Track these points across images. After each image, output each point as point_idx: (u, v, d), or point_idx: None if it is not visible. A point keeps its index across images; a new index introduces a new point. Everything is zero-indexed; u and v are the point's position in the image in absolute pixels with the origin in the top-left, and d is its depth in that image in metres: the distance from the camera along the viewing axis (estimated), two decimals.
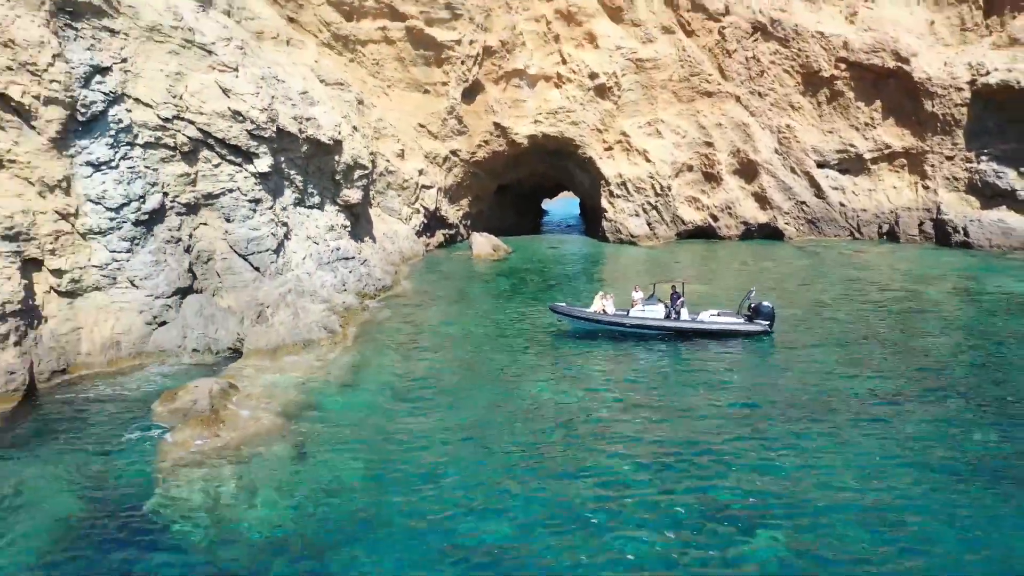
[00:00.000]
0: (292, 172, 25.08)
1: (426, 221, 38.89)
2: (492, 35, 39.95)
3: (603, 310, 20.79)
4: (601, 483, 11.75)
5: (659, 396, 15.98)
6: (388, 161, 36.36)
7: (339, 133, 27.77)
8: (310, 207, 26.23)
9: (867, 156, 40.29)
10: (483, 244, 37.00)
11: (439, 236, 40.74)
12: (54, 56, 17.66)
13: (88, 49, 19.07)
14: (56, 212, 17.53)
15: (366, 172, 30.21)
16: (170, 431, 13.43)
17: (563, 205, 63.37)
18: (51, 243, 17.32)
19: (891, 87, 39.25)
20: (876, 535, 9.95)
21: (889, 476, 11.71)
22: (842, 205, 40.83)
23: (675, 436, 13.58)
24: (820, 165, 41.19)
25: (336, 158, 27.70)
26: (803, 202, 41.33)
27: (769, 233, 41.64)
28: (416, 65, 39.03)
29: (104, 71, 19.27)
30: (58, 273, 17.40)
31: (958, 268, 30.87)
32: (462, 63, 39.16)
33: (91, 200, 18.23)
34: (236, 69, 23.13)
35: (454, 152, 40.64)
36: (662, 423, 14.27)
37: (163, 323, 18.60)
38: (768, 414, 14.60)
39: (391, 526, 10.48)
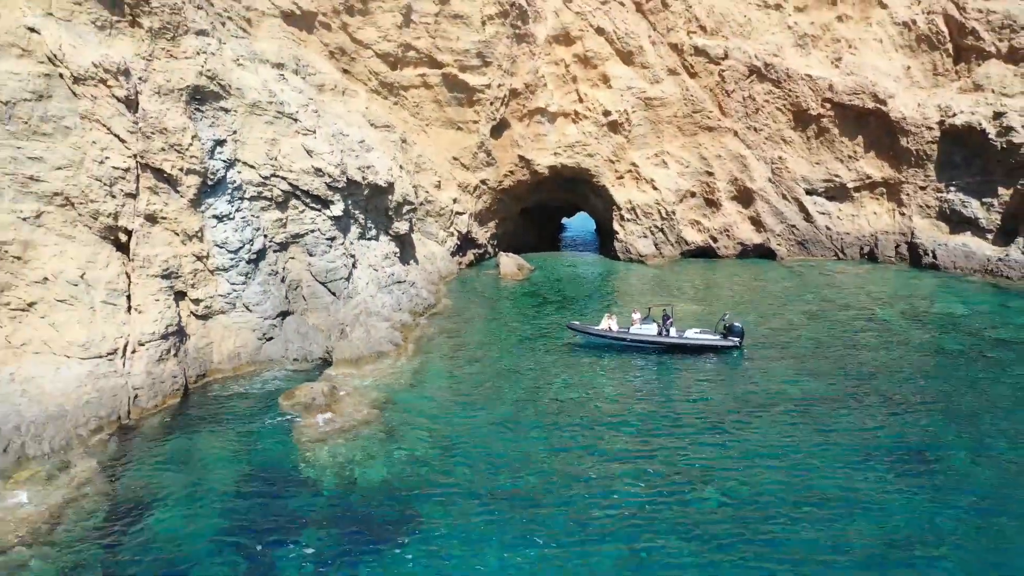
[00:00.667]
0: (356, 211, 30.73)
1: (459, 243, 44.46)
2: (517, 79, 45.40)
3: (609, 328, 26.20)
4: (601, 453, 17.21)
5: (648, 394, 21.42)
6: (427, 192, 41.95)
7: (391, 176, 33.39)
8: (369, 239, 31.87)
9: (850, 185, 45.25)
10: (509, 264, 42.49)
11: (470, 255, 46.26)
12: (192, 137, 23.42)
13: (211, 126, 24.84)
14: (194, 255, 23.28)
15: (412, 207, 35.86)
16: (299, 417, 19.05)
17: (580, 221, 68.60)
18: (191, 279, 23.07)
19: (871, 124, 44.17)
20: (789, 487, 15.34)
21: (803, 451, 17.06)
22: (828, 228, 45.82)
23: (657, 423, 19.01)
24: (808, 192, 46.18)
25: (390, 197, 33.31)
26: (793, 225, 46.36)
27: (763, 253, 46.66)
28: (451, 106, 44.56)
29: (222, 143, 25.02)
30: (196, 301, 23.14)
31: (918, 289, 35.87)
32: (491, 104, 44.65)
33: (217, 245, 23.95)
34: (314, 132, 28.83)
35: (483, 181, 46.16)
36: (649, 414, 19.69)
37: (270, 338, 24.28)
38: (725, 407, 20.00)
39: (453, 480, 16.01)
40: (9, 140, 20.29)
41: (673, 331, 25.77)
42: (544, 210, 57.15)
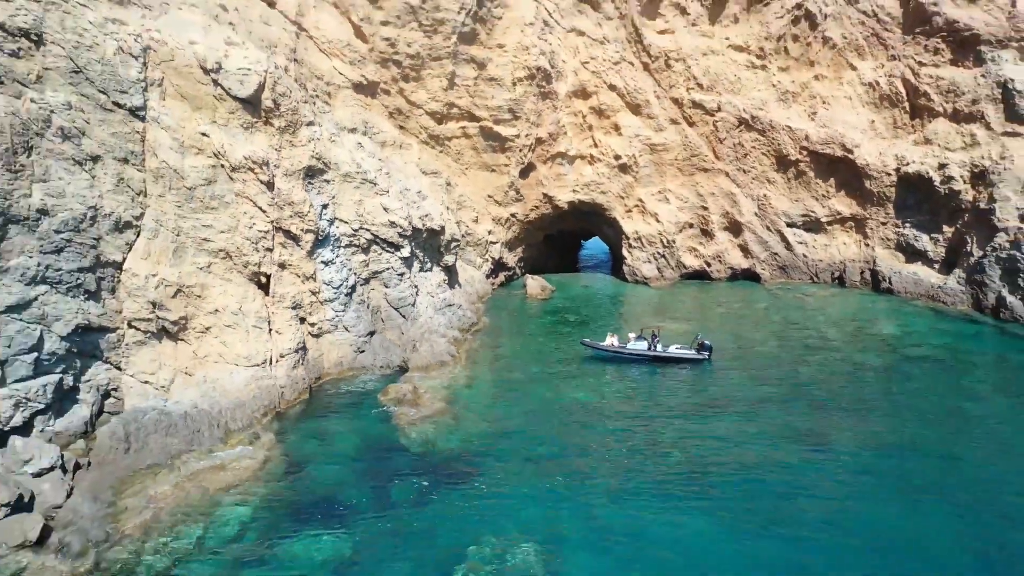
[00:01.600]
0: (417, 250, 39.61)
1: (492, 267, 53.22)
2: (542, 128, 54.04)
3: (612, 343, 34.80)
4: (603, 431, 25.88)
5: (638, 392, 30.07)
6: (467, 225, 50.73)
7: (443, 220, 42.20)
8: (426, 271, 40.73)
9: (823, 219, 53.41)
10: (534, 286, 51.18)
11: (501, 276, 54.98)
12: (309, 206, 32.40)
13: (318, 194, 33.82)
14: (310, 291, 32.26)
15: (457, 242, 44.69)
16: (395, 408, 27.91)
17: (597, 242, 76.89)
18: (309, 308, 32.04)
19: (841, 169, 52.27)
20: (727, 453, 23.91)
21: (742, 433, 25.61)
22: (805, 256, 53.98)
23: (642, 412, 27.65)
24: (789, 225, 54.36)
25: (441, 237, 42.12)
26: (776, 253, 54.58)
27: (750, 276, 54.89)
28: (486, 152, 53.26)
29: (326, 206, 33.99)
30: (312, 324, 32.10)
31: (868, 313, 44.05)
32: (520, 150, 53.33)
33: (324, 283, 32.90)
34: (387, 191, 37.73)
35: (513, 215, 54.87)
36: (638, 406, 28.33)
37: (362, 351, 33.18)
38: (692, 402, 28.59)
39: (499, 448, 24.72)
40: (191, 214, 29.37)
41: (659, 347, 34.32)
42: (564, 236, 65.67)
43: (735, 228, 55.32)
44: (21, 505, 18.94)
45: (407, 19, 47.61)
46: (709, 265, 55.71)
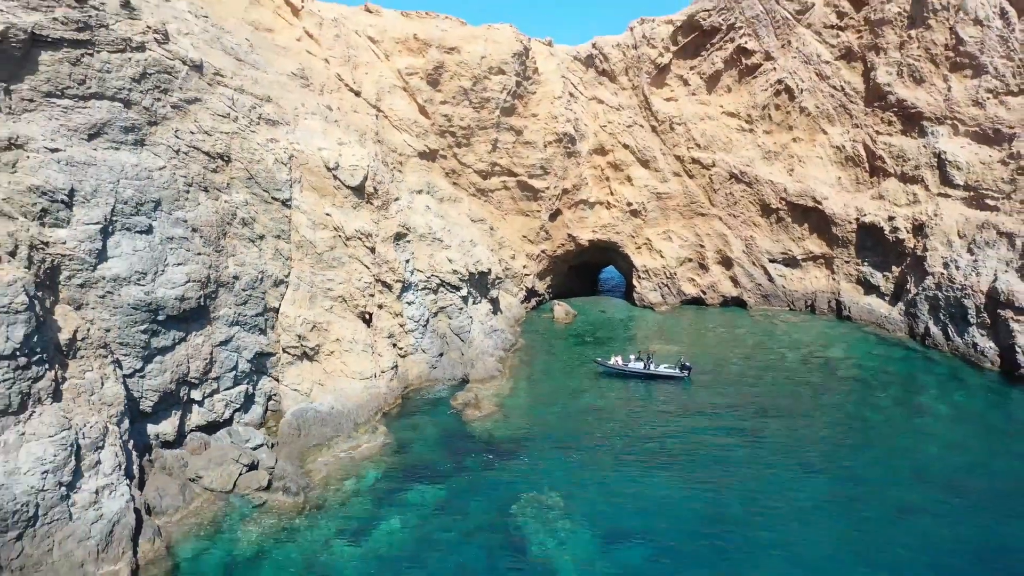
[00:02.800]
0: (471, 288, 52.00)
1: (526, 294, 65.50)
2: (567, 181, 66.20)
3: (616, 362, 46.90)
4: (610, 426, 38.13)
5: (634, 400, 42.21)
6: (506, 262, 63.05)
7: (490, 264, 54.53)
8: (477, 304, 53.12)
9: (799, 257, 64.90)
10: (559, 311, 63.38)
11: (533, 302, 67.26)
12: (398, 262, 45.00)
13: (402, 252, 46.40)
14: (399, 324, 44.86)
15: (500, 279, 57.05)
16: (463, 410, 40.37)
17: (612, 270, 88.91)
18: (399, 337, 44.62)
19: (813, 216, 63.71)
20: (691, 442, 36.08)
21: (704, 429, 37.71)
22: (783, 287, 65.50)
23: (637, 414, 39.82)
24: (771, 261, 65.91)
25: (488, 276, 54.47)
26: (760, 284, 66.15)
27: (738, 303, 66.50)
28: (522, 201, 65.52)
29: (408, 261, 46.57)
30: (400, 348, 44.67)
31: (825, 338, 55.52)
32: (549, 199, 65.52)
33: (408, 318, 45.45)
34: (450, 246, 50.20)
35: (543, 251, 67.11)
36: (634, 409, 40.51)
37: (435, 368, 45.67)
38: (672, 407, 40.67)
39: (539, 437, 37.06)
40: (320, 272, 42.03)
41: (652, 366, 46.36)
42: (586, 266, 77.69)
43: (726, 263, 66.99)
44: (252, 466, 31.63)
45: (461, 99, 60.11)
46: (704, 293, 67.48)
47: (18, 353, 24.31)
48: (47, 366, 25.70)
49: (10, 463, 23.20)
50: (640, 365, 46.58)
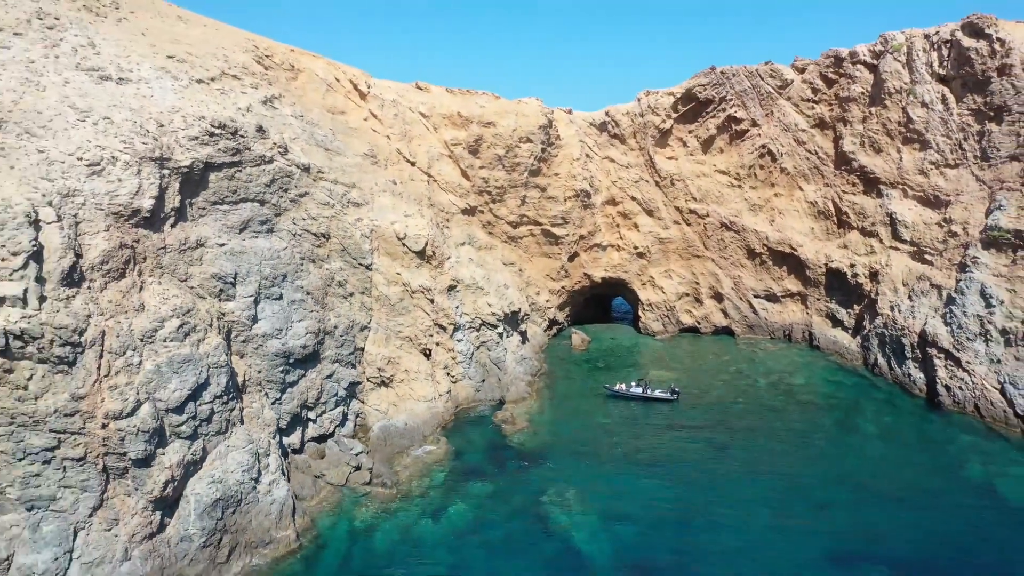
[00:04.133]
0: (505, 325, 64.87)
1: (548, 323, 78.27)
2: (584, 228, 78.85)
3: (620, 388, 59.58)
4: (619, 437, 50.89)
5: (634, 418, 54.94)
6: (532, 298, 75.82)
7: (520, 303, 67.34)
8: (509, 337, 65.94)
9: (779, 294, 77.09)
10: (576, 339, 76.08)
11: (554, 329, 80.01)
12: (451, 309, 57.94)
13: (452, 299, 59.34)
14: (451, 358, 57.79)
15: (528, 314, 69.86)
16: (503, 424, 53.28)
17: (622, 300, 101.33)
18: (451, 367, 57.56)
19: (790, 260, 75.87)
20: (672, 447, 48.80)
21: (686, 441, 50.38)
22: (766, 319, 77.71)
23: (637, 428, 52.56)
24: (755, 296, 78.14)
25: (519, 315, 67.31)
26: (746, 316, 78.40)
27: (728, 331, 78.78)
28: (545, 245, 78.24)
29: (457, 307, 59.50)
30: (452, 376, 57.61)
31: (794, 365, 67.70)
32: (568, 244, 78.19)
33: (458, 352, 58.40)
34: (489, 292, 63.12)
35: (563, 287, 79.81)
36: (632, 426, 53.25)
37: (479, 391, 58.55)
38: (663, 423, 53.35)
39: (562, 446, 49.89)
40: (393, 318, 55.12)
41: (648, 391, 58.95)
42: (599, 296, 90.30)
43: (718, 297, 79.31)
44: (357, 467, 44.71)
45: (496, 164, 73.03)
46: (699, 323, 79.89)
47: (223, 394, 37.56)
48: (236, 400, 38.96)
49: (224, 466, 36.43)
50: (639, 390, 59.19)
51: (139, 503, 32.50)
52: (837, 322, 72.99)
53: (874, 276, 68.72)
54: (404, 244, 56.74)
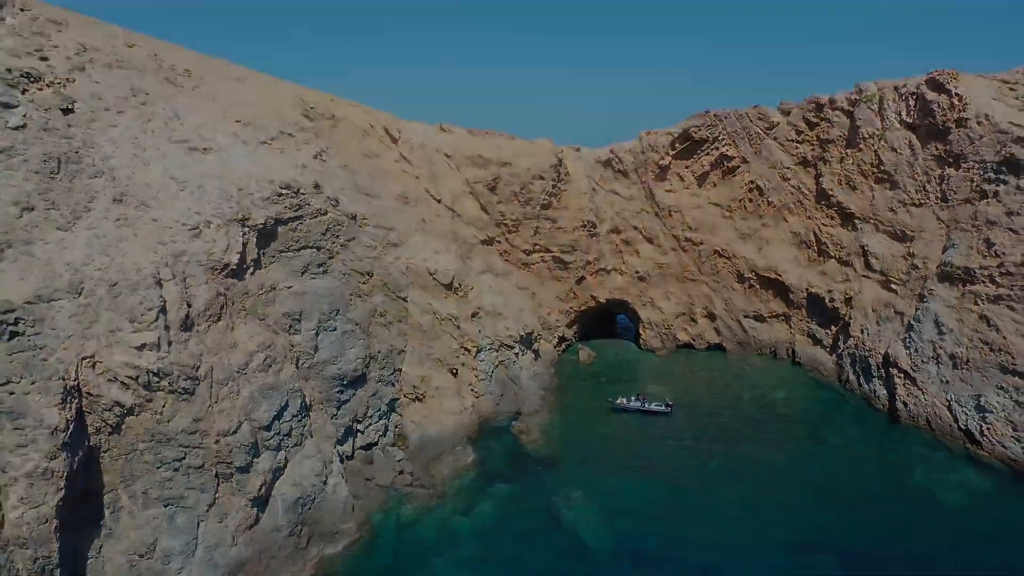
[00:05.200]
0: (521, 345, 73.79)
1: (558, 340, 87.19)
2: (590, 255, 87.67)
3: (622, 401, 68.49)
4: (622, 444, 59.85)
5: (633, 429, 63.87)
6: (543, 318, 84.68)
7: (533, 324, 76.23)
8: (524, 355, 74.87)
9: (765, 314, 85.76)
10: (583, 354, 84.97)
11: (563, 345, 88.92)
12: (474, 333, 66.96)
13: (476, 324, 68.33)
14: (475, 375, 66.84)
15: (540, 334, 78.79)
16: (522, 434, 62.29)
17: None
18: (475, 384, 66.59)
19: (776, 285, 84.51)
20: (663, 454, 57.77)
21: (677, 447, 59.32)
22: (754, 337, 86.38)
23: (635, 436, 61.51)
24: (745, 316, 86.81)
25: (533, 335, 76.19)
26: (736, 334, 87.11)
27: (720, 348, 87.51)
28: (556, 271, 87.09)
29: (480, 331, 68.50)
30: (475, 391, 66.64)
31: (775, 379, 76.37)
32: (576, 269, 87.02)
33: (481, 371, 67.34)
34: (507, 317, 72.08)
35: (571, 307, 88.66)
36: (632, 435, 62.20)
37: (499, 404, 67.36)
38: (658, 432, 62.28)
39: (572, 450, 58.90)
40: (426, 343, 64.14)
41: (646, 404, 67.81)
42: (604, 314, 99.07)
43: (711, 317, 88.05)
44: (400, 472, 53.77)
45: (512, 199, 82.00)
46: (694, 340, 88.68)
47: (298, 412, 46.70)
48: (306, 417, 48.12)
49: (301, 471, 45.60)
50: (639, 403, 68.07)
51: (242, 501, 41.69)
52: (817, 341, 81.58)
53: (848, 301, 77.25)
54: (434, 278, 65.77)
